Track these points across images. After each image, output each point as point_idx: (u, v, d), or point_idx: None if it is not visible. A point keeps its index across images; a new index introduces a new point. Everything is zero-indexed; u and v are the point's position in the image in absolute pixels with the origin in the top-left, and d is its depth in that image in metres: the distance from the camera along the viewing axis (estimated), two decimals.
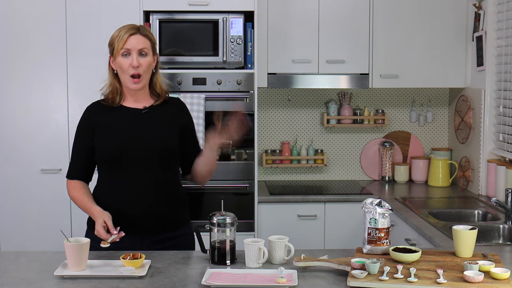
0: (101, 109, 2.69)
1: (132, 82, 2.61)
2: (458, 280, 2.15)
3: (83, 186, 2.70)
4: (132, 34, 2.60)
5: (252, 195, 4.13)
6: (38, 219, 4.10)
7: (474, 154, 4.29)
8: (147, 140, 2.62)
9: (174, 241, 2.69)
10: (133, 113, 2.66)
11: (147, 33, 2.65)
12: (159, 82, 2.72)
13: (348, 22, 4.37)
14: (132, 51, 2.59)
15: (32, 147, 4.10)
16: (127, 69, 2.59)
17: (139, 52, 2.60)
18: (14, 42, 4.05)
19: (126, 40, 2.59)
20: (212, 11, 4.06)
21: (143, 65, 2.61)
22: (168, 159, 2.67)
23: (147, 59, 2.62)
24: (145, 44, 2.62)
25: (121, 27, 2.65)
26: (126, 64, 2.59)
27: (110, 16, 4.01)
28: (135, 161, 2.61)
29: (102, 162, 2.67)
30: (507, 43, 3.93)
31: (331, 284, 2.20)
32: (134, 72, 2.59)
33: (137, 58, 2.59)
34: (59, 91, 4.08)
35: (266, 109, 4.76)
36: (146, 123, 2.65)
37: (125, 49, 2.58)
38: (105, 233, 2.49)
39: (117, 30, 2.64)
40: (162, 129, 2.66)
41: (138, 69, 2.59)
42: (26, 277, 2.29)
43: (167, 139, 2.65)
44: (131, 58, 2.59)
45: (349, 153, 4.82)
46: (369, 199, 2.50)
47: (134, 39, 2.60)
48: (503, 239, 3.33)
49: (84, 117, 2.71)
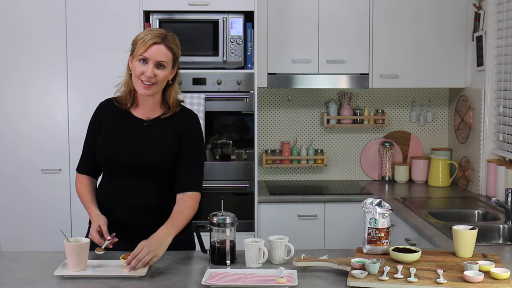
0: (110, 110, 2.64)
1: (142, 87, 2.52)
2: (458, 280, 2.15)
3: (90, 183, 2.68)
4: (156, 43, 2.50)
5: (252, 195, 4.13)
6: (38, 219, 4.10)
7: (474, 154, 4.29)
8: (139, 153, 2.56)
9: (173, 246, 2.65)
10: (135, 123, 2.60)
11: (172, 45, 2.53)
12: (173, 95, 2.61)
13: (348, 22, 4.37)
14: (150, 60, 2.50)
15: (32, 147, 4.10)
16: (139, 75, 2.51)
17: (157, 63, 2.50)
18: (14, 41, 4.05)
19: (148, 47, 2.49)
20: (212, 11, 4.06)
21: (158, 76, 2.51)
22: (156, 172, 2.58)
23: (164, 72, 2.52)
24: (165, 57, 2.51)
25: (150, 30, 2.54)
26: (140, 70, 2.50)
27: (110, 16, 4.01)
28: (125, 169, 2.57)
29: (100, 162, 2.68)
30: (507, 43, 3.93)
31: (331, 284, 2.20)
32: (146, 80, 2.51)
33: (153, 69, 2.50)
34: (59, 91, 4.08)
35: (266, 109, 4.76)
36: (144, 136, 2.58)
37: (143, 56, 2.49)
38: (99, 237, 2.47)
39: (144, 32, 2.54)
40: (157, 144, 2.58)
41: (151, 79, 2.50)
42: (26, 277, 2.29)
43: (157, 153, 2.56)
44: (147, 67, 2.50)
45: (349, 153, 4.82)
46: (369, 199, 2.50)
47: (156, 49, 2.49)
48: (503, 239, 3.33)
49: (95, 113, 2.68)
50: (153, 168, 2.57)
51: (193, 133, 2.62)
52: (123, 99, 2.61)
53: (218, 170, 4.13)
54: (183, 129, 2.59)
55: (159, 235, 2.39)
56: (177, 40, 2.60)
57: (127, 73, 2.59)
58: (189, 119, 2.63)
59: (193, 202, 2.57)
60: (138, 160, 2.56)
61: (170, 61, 2.53)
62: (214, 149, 4.17)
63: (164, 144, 2.58)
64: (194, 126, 2.63)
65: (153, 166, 2.57)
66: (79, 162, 2.72)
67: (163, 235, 2.39)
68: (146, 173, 2.58)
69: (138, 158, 2.56)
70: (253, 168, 4.13)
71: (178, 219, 2.49)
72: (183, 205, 2.54)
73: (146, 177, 2.58)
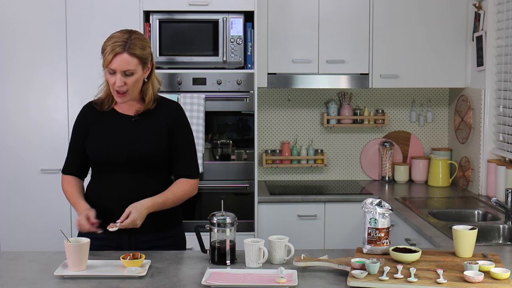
0: (94, 112, 2.69)
1: (117, 97, 2.58)
2: (458, 280, 2.15)
3: (77, 182, 2.73)
4: (118, 54, 2.49)
5: (252, 195, 4.13)
6: (38, 219, 4.10)
7: (474, 154, 4.29)
8: (133, 148, 2.61)
9: (164, 241, 2.69)
10: (123, 119, 2.65)
11: (135, 51, 2.51)
12: (149, 92, 2.64)
13: (348, 22, 4.37)
14: (116, 71, 2.52)
15: (32, 147, 4.10)
16: (112, 85, 2.56)
17: (124, 73, 2.53)
18: (15, 42, 4.05)
19: (111, 60, 2.50)
20: (212, 11, 4.06)
21: (129, 83, 2.55)
22: (155, 165, 2.65)
23: (134, 77, 2.54)
24: (130, 65, 2.51)
25: (110, 38, 2.54)
26: (111, 81, 2.55)
27: (110, 16, 4.01)
28: (121, 167, 2.62)
29: (91, 163, 2.71)
30: (507, 43, 3.93)
31: (331, 284, 2.20)
32: (119, 90, 2.55)
33: (121, 78, 2.52)
34: (59, 90, 4.08)
35: (266, 109, 4.76)
36: (134, 130, 2.63)
37: (109, 68, 2.53)
38: (88, 224, 2.49)
39: (108, 40, 2.54)
40: (149, 136, 2.63)
41: (122, 88, 2.54)
42: (26, 277, 2.29)
43: (153, 147, 2.62)
44: (115, 77, 2.53)
45: (349, 153, 4.82)
46: (369, 199, 2.50)
47: (119, 60, 2.50)
48: (503, 239, 3.33)
49: (78, 118, 2.73)
50: (151, 161, 2.63)
51: (182, 122, 2.71)
52: (100, 102, 2.67)
53: (218, 170, 4.13)
54: (172, 121, 2.66)
55: (144, 205, 2.52)
56: (142, 40, 2.58)
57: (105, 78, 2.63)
58: (174, 109, 2.71)
59: (189, 187, 2.67)
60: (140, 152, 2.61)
61: (136, 66, 2.54)
62: (214, 149, 4.17)
63: (156, 137, 2.64)
64: (181, 115, 2.72)
65: (150, 159, 2.62)
66: (64, 164, 2.78)
67: (146, 208, 2.52)
68: (144, 166, 2.63)
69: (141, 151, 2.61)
70: (253, 168, 4.13)
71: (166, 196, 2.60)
72: (177, 187, 2.65)
73: (144, 171, 2.63)
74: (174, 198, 2.63)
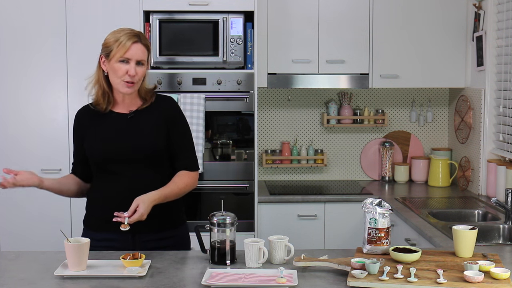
0: (89, 115, 2.70)
1: (125, 86, 2.59)
2: (458, 280, 2.15)
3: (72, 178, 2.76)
4: (135, 43, 2.57)
5: (252, 195, 4.13)
6: (38, 219, 4.10)
7: (474, 154, 4.29)
8: (133, 145, 2.62)
9: (168, 241, 2.69)
10: (119, 118, 2.66)
11: (147, 42, 2.63)
12: (144, 87, 2.69)
13: (348, 22, 4.37)
14: (131, 60, 2.57)
15: (32, 147, 4.10)
16: (122, 76, 2.58)
17: (137, 62, 2.59)
18: (15, 42, 4.05)
19: (129, 48, 2.56)
20: (212, 11, 4.06)
21: (139, 74, 2.60)
22: (156, 162, 2.66)
23: (143, 69, 2.62)
24: (144, 55, 2.60)
25: (119, 31, 2.61)
26: (123, 70, 2.57)
27: (110, 16, 4.01)
28: (120, 164, 2.63)
29: (92, 165, 2.71)
30: (507, 43, 3.93)
31: (331, 284, 2.20)
32: (129, 80, 2.58)
33: (135, 68, 2.58)
34: (59, 90, 4.08)
35: (266, 109, 4.76)
36: (132, 128, 2.65)
37: (125, 57, 2.56)
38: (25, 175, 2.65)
39: (115, 33, 2.60)
40: (147, 132, 2.64)
41: (134, 78, 2.58)
42: (26, 277, 2.29)
43: (153, 143, 2.64)
44: (129, 66, 2.57)
45: (349, 153, 4.82)
46: (369, 199, 2.50)
47: (136, 49, 2.58)
48: (503, 239, 3.33)
49: (74, 124, 2.75)
50: (153, 155, 2.64)
51: (179, 116, 2.75)
52: (98, 101, 2.67)
53: (218, 170, 4.13)
54: (169, 115, 2.69)
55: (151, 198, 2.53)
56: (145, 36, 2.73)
57: (100, 74, 2.65)
58: (169, 104, 2.75)
59: (190, 179, 2.70)
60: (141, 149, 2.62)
61: (146, 57, 2.63)
62: (214, 149, 4.17)
63: (154, 132, 2.65)
64: (177, 109, 2.76)
65: (154, 153, 2.64)
66: (72, 166, 2.81)
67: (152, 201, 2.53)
68: (144, 162, 2.64)
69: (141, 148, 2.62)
70: (253, 168, 4.13)
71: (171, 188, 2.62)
72: (180, 179, 2.67)
73: (144, 167, 2.64)
74: (178, 190, 2.65)
